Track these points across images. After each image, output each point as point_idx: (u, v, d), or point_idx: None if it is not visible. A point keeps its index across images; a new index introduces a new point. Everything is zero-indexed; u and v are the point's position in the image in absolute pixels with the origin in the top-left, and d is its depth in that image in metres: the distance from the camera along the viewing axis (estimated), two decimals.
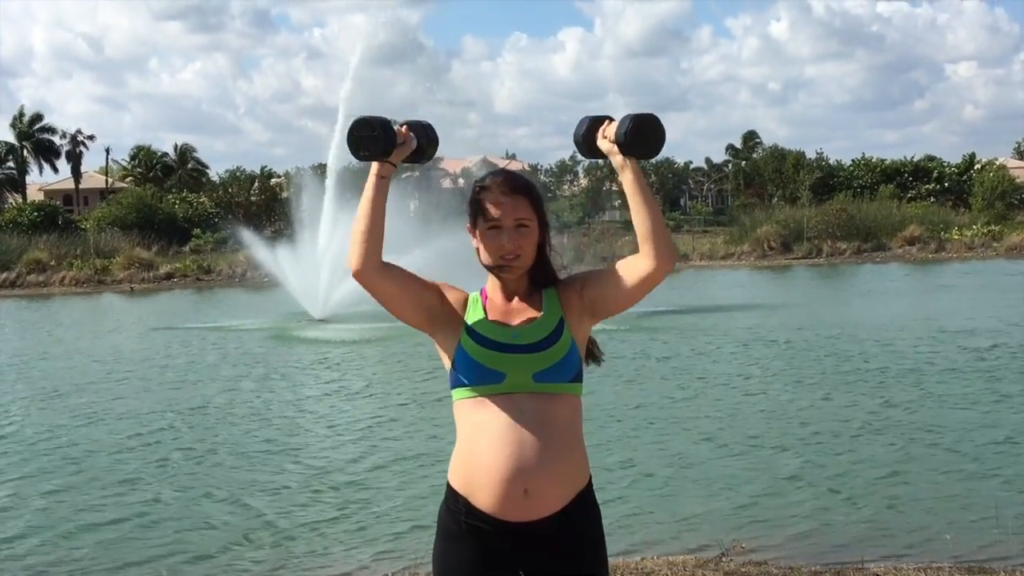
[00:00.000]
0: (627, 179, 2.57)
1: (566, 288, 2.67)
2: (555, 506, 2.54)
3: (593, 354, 2.77)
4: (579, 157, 68.92)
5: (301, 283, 24.72)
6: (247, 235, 31.56)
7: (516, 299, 2.67)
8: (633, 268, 2.58)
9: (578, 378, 2.62)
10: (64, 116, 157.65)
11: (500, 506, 2.52)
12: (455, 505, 2.60)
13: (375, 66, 28.60)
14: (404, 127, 2.61)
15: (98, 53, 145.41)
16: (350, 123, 2.57)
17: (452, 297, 2.68)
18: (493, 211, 2.59)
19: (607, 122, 2.64)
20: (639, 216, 2.55)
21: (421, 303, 2.63)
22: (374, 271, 2.56)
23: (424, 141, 2.64)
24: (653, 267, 2.54)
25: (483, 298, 2.69)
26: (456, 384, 2.61)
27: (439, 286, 2.70)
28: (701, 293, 27.30)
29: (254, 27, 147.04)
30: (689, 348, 16.07)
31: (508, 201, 2.60)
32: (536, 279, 2.68)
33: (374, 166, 2.58)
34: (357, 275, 2.57)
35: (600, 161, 2.77)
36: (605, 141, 2.61)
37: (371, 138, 2.55)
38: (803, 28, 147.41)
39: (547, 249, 2.68)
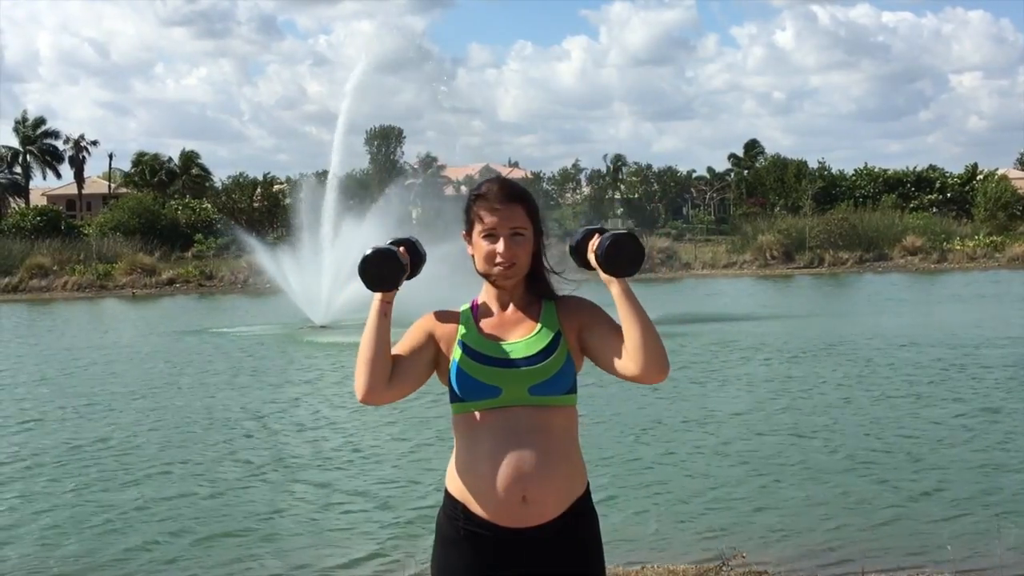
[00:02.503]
0: (614, 292, 2.57)
1: (567, 312, 2.65)
2: (553, 512, 2.54)
3: None
4: (582, 165, 69.18)
5: (303, 289, 24.76)
6: (252, 242, 31.64)
7: (511, 309, 2.66)
8: (626, 361, 2.55)
9: (573, 390, 2.62)
10: (69, 121, 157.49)
11: (498, 513, 2.53)
12: (453, 512, 2.60)
13: (380, 73, 28.69)
14: (402, 248, 2.61)
15: (104, 58, 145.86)
16: (365, 253, 2.54)
17: (440, 334, 2.64)
18: (489, 219, 2.59)
19: (596, 235, 2.63)
20: (628, 329, 2.53)
21: (423, 372, 2.64)
22: (380, 395, 2.57)
23: (416, 260, 2.65)
24: (640, 376, 2.53)
25: (474, 311, 2.68)
26: (453, 399, 2.61)
27: (430, 332, 2.65)
28: (718, 302, 27.30)
29: (260, 33, 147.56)
30: (712, 357, 16.07)
31: (504, 209, 2.59)
32: (532, 288, 2.68)
33: (380, 295, 2.58)
34: (365, 401, 2.57)
35: (602, 169, 2.77)
36: (592, 255, 2.61)
37: (381, 275, 2.54)
38: (808, 37, 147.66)
39: (543, 257, 2.69)
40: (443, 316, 2.67)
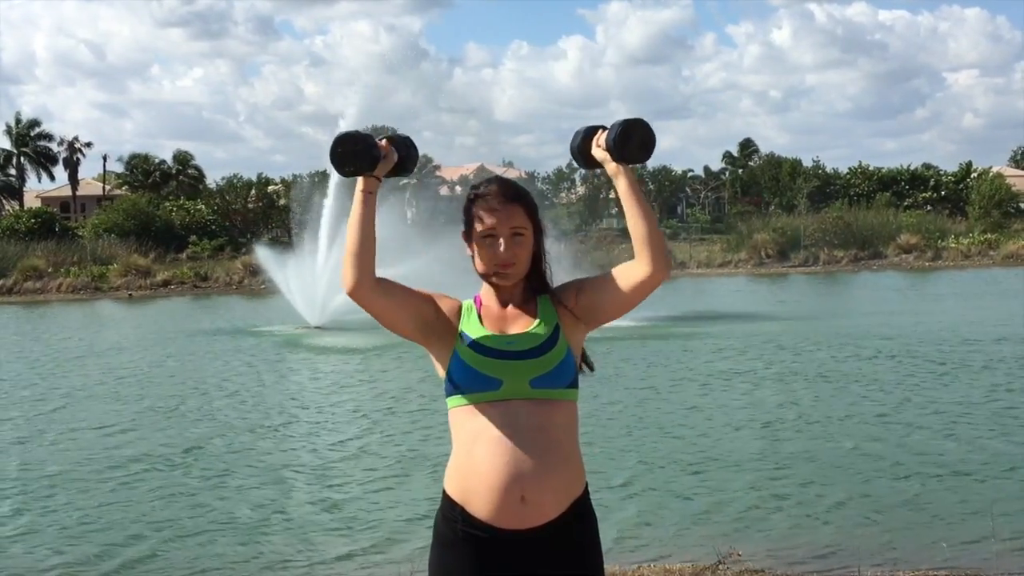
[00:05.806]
0: (621, 186, 2.59)
1: (561, 294, 2.67)
2: (552, 513, 2.54)
3: (586, 360, 2.77)
4: (576, 165, 69.25)
5: (300, 290, 24.79)
6: (259, 250, 31.69)
7: (511, 306, 2.67)
8: (629, 275, 2.59)
9: (574, 384, 2.62)
10: (66, 123, 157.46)
11: (497, 514, 2.53)
12: (451, 513, 2.60)
13: (377, 73, 28.77)
14: (384, 141, 2.63)
15: (100, 60, 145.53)
16: (332, 139, 2.57)
17: (446, 307, 2.67)
18: (488, 219, 2.60)
19: (600, 131, 2.65)
20: (634, 224, 2.57)
21: (415, 316, 2.63)
22: (368, 289, 2.56)
23: (404, 153, 2.65)
24: (649, 273, 2.56)
25: (477, 305, 2.69)
26: (451, 392, 2.61)
27: (433, 296, 2.68)
28: (723, 300, 27.33)
29: (257, 34, 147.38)
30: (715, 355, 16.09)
31: (503, 209, 2.60)
32: (532, 286, 2.69)
33: (359, 182, 2.58)
34: (352, 294, 2.56)
35: (598, 170, 2.77)
36: (599, 150, 2.63)
37: (354, 152, 2.55)
38: (805, 36, 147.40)
39: (543, 257, 2.69)
40: (448, 297, 2.71)
